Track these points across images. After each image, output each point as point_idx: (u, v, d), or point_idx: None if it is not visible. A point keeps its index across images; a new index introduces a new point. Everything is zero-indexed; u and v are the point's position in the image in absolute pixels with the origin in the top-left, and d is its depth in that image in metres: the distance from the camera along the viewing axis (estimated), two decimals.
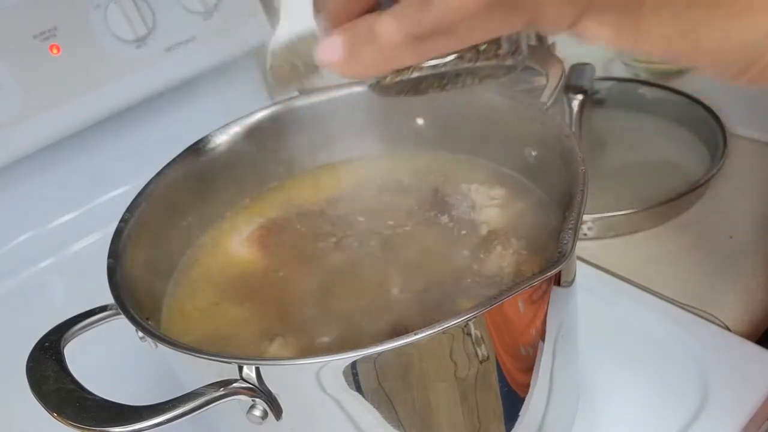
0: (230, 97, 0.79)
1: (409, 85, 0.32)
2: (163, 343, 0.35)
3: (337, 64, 0.29)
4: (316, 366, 0.33)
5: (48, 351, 0.38)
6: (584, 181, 0.39)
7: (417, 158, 0.56)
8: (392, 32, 0.27)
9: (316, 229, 0.51)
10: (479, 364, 0.36)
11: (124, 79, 0.69)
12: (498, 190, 0.51)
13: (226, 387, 0.34)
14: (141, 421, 0.33)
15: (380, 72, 0.30)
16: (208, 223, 0.52)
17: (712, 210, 0.66)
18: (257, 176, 0.55)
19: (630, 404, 0.49)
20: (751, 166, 0.70)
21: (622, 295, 0.58)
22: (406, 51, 0.28)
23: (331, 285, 0.45)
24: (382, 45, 0.28)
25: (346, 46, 0.29)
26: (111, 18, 0.66)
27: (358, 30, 0.28)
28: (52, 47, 0.65)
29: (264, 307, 0.45)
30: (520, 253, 0.44)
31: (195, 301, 0.47)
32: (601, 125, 0.78)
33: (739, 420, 0.47)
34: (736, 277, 0.58)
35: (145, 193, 0.47)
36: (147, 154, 0.60)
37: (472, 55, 0.29)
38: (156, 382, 0.51)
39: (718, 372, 0.50)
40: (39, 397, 0.35)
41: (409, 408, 0.37)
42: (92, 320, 0.41)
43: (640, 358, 0.52)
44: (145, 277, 0.44)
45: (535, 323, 0.38)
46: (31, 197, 0.71)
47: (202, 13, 0.72)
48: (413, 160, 0.56)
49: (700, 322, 0.54)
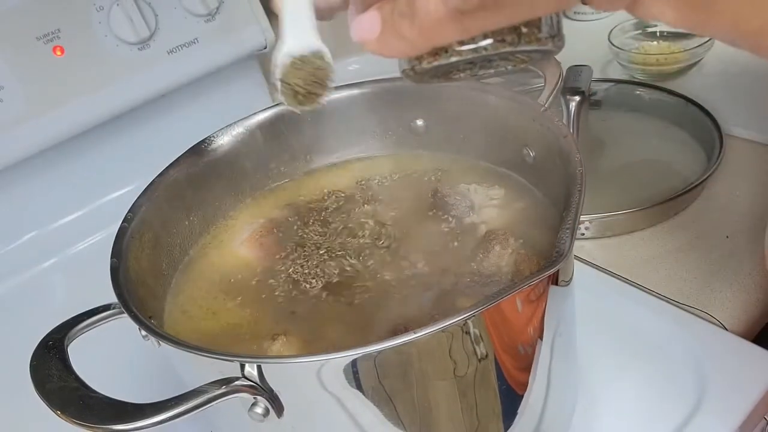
0: (232, 99, 0.79)
1: (443, 70, 0.30)
2: (165, 342, 0.35)
3: (373, 41, 0.27)
4: (317, 364, 0.34)
5: (51, 349, 0.38)
6: (582, 181, 0.39)
7: (417, 158, 0.56)
8: (437, 5, 0.25)
9: (315, 229, 0.51)
10: (478, 362, 0.36)
11: (127, 80, 0.70)
12: (497, 190, 0.51)
13: (228, 385, 0.34)
14: (144, 418, 0.33)
15: (418, 50, 0.28)
16: (210, 223, 0.53)
17: (708, 210, 0.66)
18: (258, 177, 0.55)
19: (627, 402, 0.50)
20: (747, 166, 0.71)
21: (620, 294, 0.58)
22: (449, 27, 0.25)
23: (332, 284, 0.46)
24: (423, 20, 0.26)
25: (383, 22, 0.27)
26: (114, 20, 0.67)
27: (398, 4, 0.26)
28: (56, 49, 0.65)
29: (265, 305, 0.45)
30: (518, 252, 0.44)
31: (197, 300, 0.47)
32: (599, 126, 0.78)
33: (736, 418, 0.47)
34: (733, 277, 0.59)
35: (147, 193, 0.47)
36: (149, 154, 0.60)
37: (512, 38, 0.28)
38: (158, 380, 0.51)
39: (715, 370, 0.50)
40: (43, 396, 0.35)
41: (409, 406, 0.37)
42: (95, 319, 0.41)
43: (637, 357, 0.52)
44: (148, 277, 0.45)
45: (533, 322, 0.38)
46: (34, 197, 0.72)
47: (204, 16, 0.73)
48: (413, 160, 0.56)
49: (697, 321, 0.55)
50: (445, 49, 0.28)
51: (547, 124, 0.46)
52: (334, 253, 0.48)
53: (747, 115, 0.76)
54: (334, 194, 0.54)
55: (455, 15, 0.25)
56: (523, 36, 0.28)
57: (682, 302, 0.57)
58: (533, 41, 0.28)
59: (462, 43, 0.28)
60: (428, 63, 0.29)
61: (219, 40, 0.74)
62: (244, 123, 0.53)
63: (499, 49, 0.28)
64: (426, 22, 0.26)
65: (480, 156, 0.54)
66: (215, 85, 0.78)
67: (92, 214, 0.74)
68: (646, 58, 0.86)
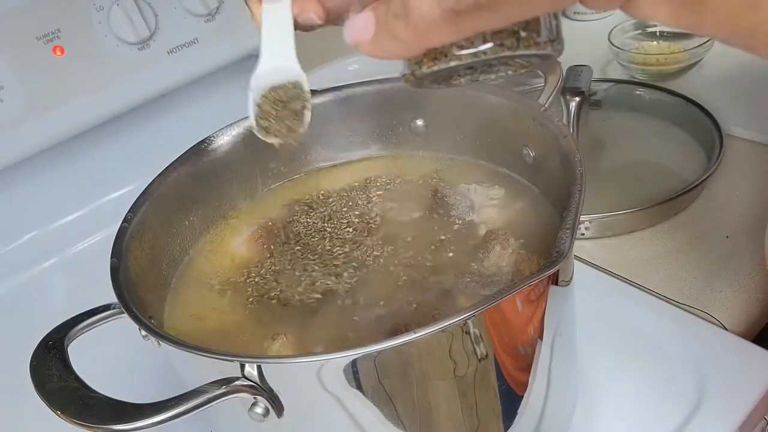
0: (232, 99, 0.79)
1: (443, 75, 0.30)
2: (165, 342, 0.35)
3: (367, 43, 0.27)
4: (317, 364, 0.34)
5: (51, 349, 0.38)
6: (582, 181, 0.39)
7: (417, 158, 0.56)
8: (431, 5, 0.24)
9: (316, 229, 0.51)
10: (478, 362, 0.36)
11: (127, 80, 0.70)
12: (497, 190, 0.51)
13: (228, 385, 0.34)
14: (144, 418, 0.33)
15: (413, 52, 0.27)
16: (210, 223, 0.53)
17: (708, 210, 0.66)
18: (258, 177, 0.55)
19: (627, 402, 0.50)
20: (747, 166, 0.71)
21: (620, 294, 0.58)
22: (444, 28, 0.25)
23: (332, 284, 0.46)
24: (418, 20, 0.25)
25: (377, 23, 0.26)
26: (114, 20, 0.67)
27: (392, 4, 0.26)
28: (56, 49, 0.65)
29: (265, 306, 0.45)
30: (518, 252, 0.44)
31: (197, 299, 0.47)
32: (599, 126, 0.78)
33: (736, 418, 0.47)
34: (733, 276, 0.59)
35: (147, 193, 0.47)
36: (149, 154, 0.60)
37: (511, 42, 0.28)
38: (158, 380, 0.51)
39: (715, 370, 0.50)
40: (43, 396, 0.35)
41: (409, 406, 0.37)
42: (95, 319, 0.41)
43: (637, 357, 0.52)
44: (148, 277, 0.45)
45: (533, 322, 0.38)
46: (34, 197, 0.72)
47: (204, 16, 0.73)
48: (413, 160, 0.56)
49: (697, 321, 0.55)
50: (445, 53, 0.28)
51: (547, 124, 0.46)
52: (335, 253, 0.48)
53: (747, 115, 0.76)
54: (334, 194, 0.54)
55: (450, 15, 0.25)
56: (522, 40, 0.28)
57: (682, 302, 0.57)
58: (532, 45, 0.28)
59: (461, 47, 0.28)
60: (428, 68, 0.29)
61: (219, 40, 0.74)
62: (244, 123, 0.53)
63: (499, 53, 0.28)
64: (420, 22, 0.25)
65: (480, 156, 0.54)
66: (215, 85, 0.78)
67: (92, 214, 0.74)
68: (646, 58, 0.86)
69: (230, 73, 0.78)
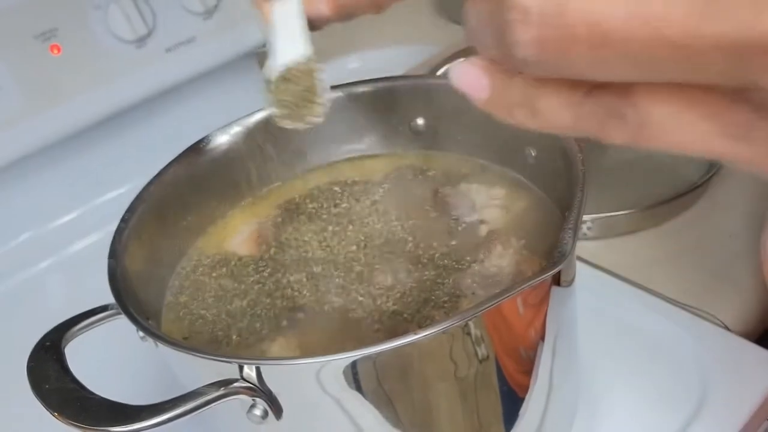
0: (230, 97, 0.79)
1: None
2: (163, 343, 0.35)
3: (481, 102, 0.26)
4: (317, 366, 0.33)
5: (49, 351, 0.38)
6: (584, 181, 0.39)
7: (417, 158, 0.56)
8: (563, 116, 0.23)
9: (316, 229, 0.51)
10: (479, 364, 0.36)
11: (125, 79, 0.69)
12: (498, 190, 0.51)
13: (226, 387, 0.34)
14: (141, 420, 0.33)
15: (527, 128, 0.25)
16: (208, 223, 0.52)
17: (711, 210, 0.66)
18: (257, 176, 0.55)
19: (629, 403, 0.49)
20: None
21: (622, 294, 0.58)
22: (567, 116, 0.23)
23: (332, 285, 0.45)
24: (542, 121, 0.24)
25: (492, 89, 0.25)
26: (111, 18, 0.66)
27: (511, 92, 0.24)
28: (53, 47, 0.65)
29: (264, 306, 0.45)
30: (520, 253, 0.44)
31: (195, 300, 0.47)
32: None
33: (738, 419, 0.47)
34: (736, 277, 0.58)
35: (145, 192, 0.47)
36: (147, 154, 0.60)
37: None
38: (156, 381, 0.51)
39: (717, 372, 0.50)
40: (40, 397, 0.35)
41: (409, 408, 0.37)
42: (93, 320, 0.41)
43: (639, 358, 0.52)
44: (146, 277, 0.44)
45: (535, 323, 0.38)
46: (31, 197, 0.71)
47: (202, 14, 0.72)
48: (413, 160, 0.56)
49: (700, 321, 0.54)
50: None
51: None
52: (335, 253, 0.48)
53: None
54: (333, 194, 0.54)
55: None
56: None
57: (685, 303, 0.56)
58: None
59: None
60: None
61: (217, 38, 0.74)
62: (243, 122, 0.52)
63: None
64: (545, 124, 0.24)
65: (481, 155, 0.53)
66: (213, 84, 0.78)
67: (89, 214, 0.74)
68: None
69: (228, 71, 0.78)
